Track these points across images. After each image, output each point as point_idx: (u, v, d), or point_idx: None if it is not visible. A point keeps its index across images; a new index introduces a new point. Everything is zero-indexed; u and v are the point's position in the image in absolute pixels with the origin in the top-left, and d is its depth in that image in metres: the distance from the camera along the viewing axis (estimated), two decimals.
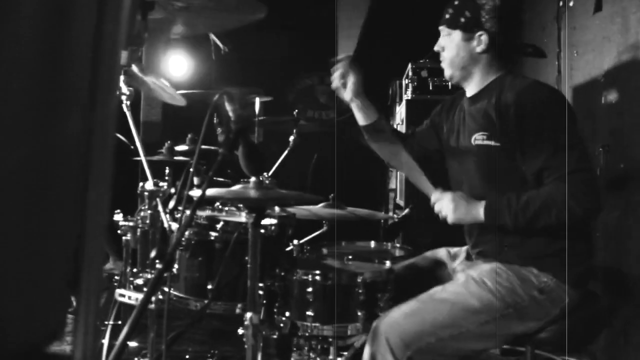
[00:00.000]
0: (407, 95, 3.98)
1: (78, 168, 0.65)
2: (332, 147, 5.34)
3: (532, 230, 1.77)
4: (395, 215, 3.00)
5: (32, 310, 0.63)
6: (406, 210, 2.87)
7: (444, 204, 1.89)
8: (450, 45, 2.02)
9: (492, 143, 1.89)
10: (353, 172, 5.69)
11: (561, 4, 3.34)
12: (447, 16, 2.01)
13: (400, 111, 4.35)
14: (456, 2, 2.01)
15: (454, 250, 2.20)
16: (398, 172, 4.41)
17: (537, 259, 1.84)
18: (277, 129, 3.59)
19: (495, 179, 1.92)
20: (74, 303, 0.65)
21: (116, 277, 2.42)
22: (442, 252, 2.23)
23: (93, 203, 0.66)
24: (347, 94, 2.13)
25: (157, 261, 1.26)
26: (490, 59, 1.99)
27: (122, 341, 1.21)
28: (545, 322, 1.81)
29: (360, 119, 2.21)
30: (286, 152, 3.31)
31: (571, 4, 3.22)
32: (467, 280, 1.85)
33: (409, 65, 3.95)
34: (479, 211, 1.82)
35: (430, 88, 3.84)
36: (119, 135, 2.70)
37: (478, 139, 1.93)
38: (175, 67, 4.76)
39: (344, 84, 2.12)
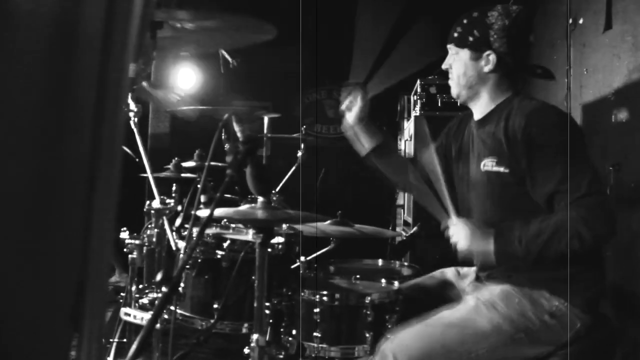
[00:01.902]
0: (416, 111, 3.97)
1: (84, 189, 0.64)
2: (339, 162, 5.34)
3: (544, 259, 1.73)
4: (403, 233, 2.98)
5: (35, 346, 0.62)
6: (414, 229, 2.86)
7: (459, 231, 1.85)
8: (458, 63, 1.99)
9: (502, 169, 1.85)
10: (360, 188, 5.68)
11: (571, 21, 3.33)
12: (456, 35, 1.99)
13: (409, 127, 4.35)
14: (465, 21, 1.98)
15: (463, 270, 2.17)
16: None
17: (548, 282, 1.81)
18: (285, 144, 3.59)
19: (506, 205, 1.89)
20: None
21: (122, 293, 2.40)
22: (450, 272, 2.20)
23: (98, 227, 0.65)
24: (350, 119, 2.16)
25: (163, 284, 1.25)
26: (498, 79, 1.96)
27: None
28: (556, 346, 1.77)
29: (365, 143, 2.19)
30: (294, 167, 3.30)
31: (581, 21, 3.21)
32: (477, 304, 1.82)
33: (418, 82, 3.95)
34: (490, 242, 1.79)
35: (439, 104, 3.83)
36: (126, 149, 2.71)
37: (487, 164, 1.89)
38: (184, 81, 4.77)
39: (350, 109, 2.15)
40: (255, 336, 1.71)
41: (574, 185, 1.70)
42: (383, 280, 2.26)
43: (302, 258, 2.42)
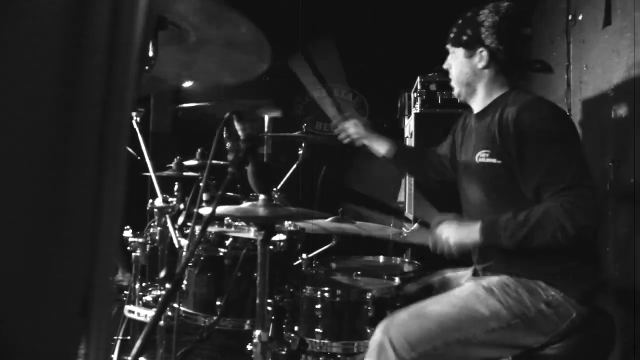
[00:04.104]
0: (416, 108, 3.98)
1: (91, 187, 0.65)
2: (340, 159, 5.35)
3: (529, 249, 1.75)
4: (404, 230, 2.99)
5: (43, 341, 0.63)
6: (415, 225, 2.86)
7: (445, 229, 1.88)
8: (455, 62, 2.07)
9: (494, 160, 1.89)
10: (362, 185, 5.67)
11: (570, 17, 3.34)
12: (452, 35, 2.07)
13: (409, 124, 4.35)
14: (459, 22, 2.06)
15: (460, 272, 2.20)
16: (407, 186, 4.40)
17: (544, 275, 1.83)
18: (286, 141, 3.60)
19: (498, 196, 1.92)
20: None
21: (125, 292, 2.42)
22: (448, 271, 2.24)
23: (106, 225, 0.66)
24: (357, 142, 2.47)
25: (166, 281, 1.26)
26: (493, 75, 2.01)
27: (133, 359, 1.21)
28: (552, 336, 1.80)
29: (379, 152, 2.45)
30: (295, 165, 3.31)
31: (580, 17, 3.21)
32: (477, 287, 1.85)
33: (418, 79, 3.95)
34: (476, 232, 1.82)
35: (439, 101, 3.84)
36: (128, 148, 2.72)
37: (481, 156, 1.93)
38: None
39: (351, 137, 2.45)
40: (257, 332, 1.73)
41: (559, 177, 1.73)
42: (384, 277, 2.27)
43: (304, 255, 2.44)
